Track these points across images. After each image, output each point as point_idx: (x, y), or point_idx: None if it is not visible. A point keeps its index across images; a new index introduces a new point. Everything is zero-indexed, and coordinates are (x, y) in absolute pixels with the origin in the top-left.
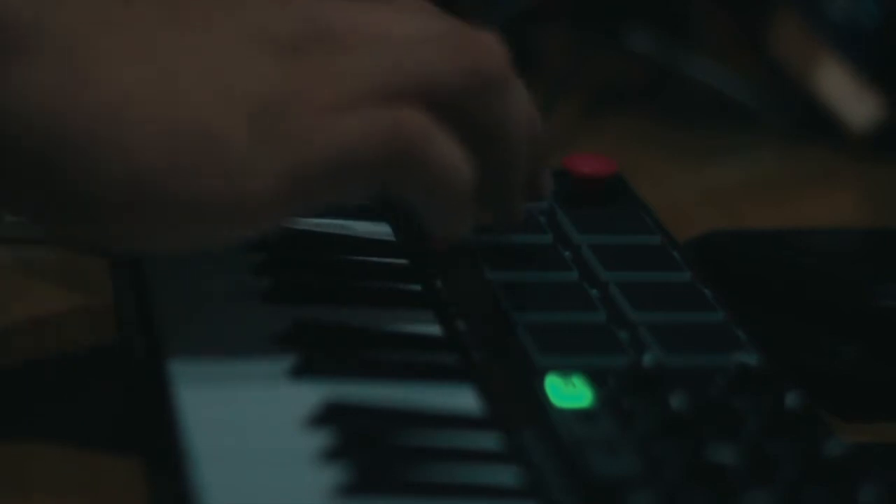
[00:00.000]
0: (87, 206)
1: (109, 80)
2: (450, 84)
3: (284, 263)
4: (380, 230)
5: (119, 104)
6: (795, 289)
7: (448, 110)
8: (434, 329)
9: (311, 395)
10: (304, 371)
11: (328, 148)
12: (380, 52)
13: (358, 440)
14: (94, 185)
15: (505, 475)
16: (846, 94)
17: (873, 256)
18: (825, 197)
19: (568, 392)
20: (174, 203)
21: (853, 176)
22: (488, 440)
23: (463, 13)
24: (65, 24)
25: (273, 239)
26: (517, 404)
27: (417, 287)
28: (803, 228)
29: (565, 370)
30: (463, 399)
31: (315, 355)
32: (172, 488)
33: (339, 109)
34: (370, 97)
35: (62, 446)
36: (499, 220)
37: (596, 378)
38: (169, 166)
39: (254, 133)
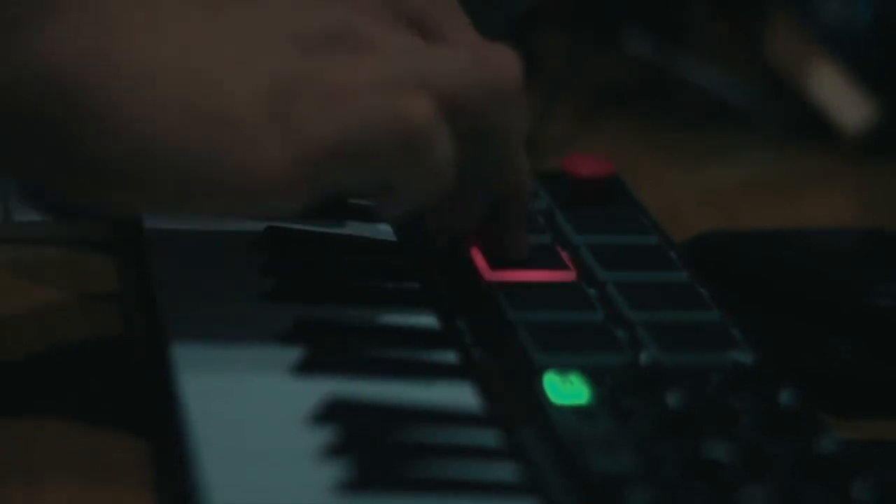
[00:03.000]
0: (96, 169)
1: (136, 52)
2: (462, 88)
3: (288, 263)
4: (381, 230)
5: (143, 76)
6: (792, 288)
7: (454, 111)
8: (434, 328)
9: (313, 392)
10: (307, 369)
11: (337, 131)
12: (398, 51)
13: (359, 437)
14: (107, 151)
15: (504, 472)
16: (840, 97)
17: (869, 257)
18: (820, 198)
19: (566, 390)
20: (182, 176)
21: (848, 177)
22: (488, 437)
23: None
24: None
25: (277, 239)
26: (516, 402)
27: (418, 286)
28: (799, 229)
29: (564, 368)
30: (463, 397)
31: (317, 353)
32: (178, 484)
33: (351, 95)
34: (384, 86)
35: (67, 442)
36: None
37: (594, 376)
38: (180, 141)
39: (266, 116)
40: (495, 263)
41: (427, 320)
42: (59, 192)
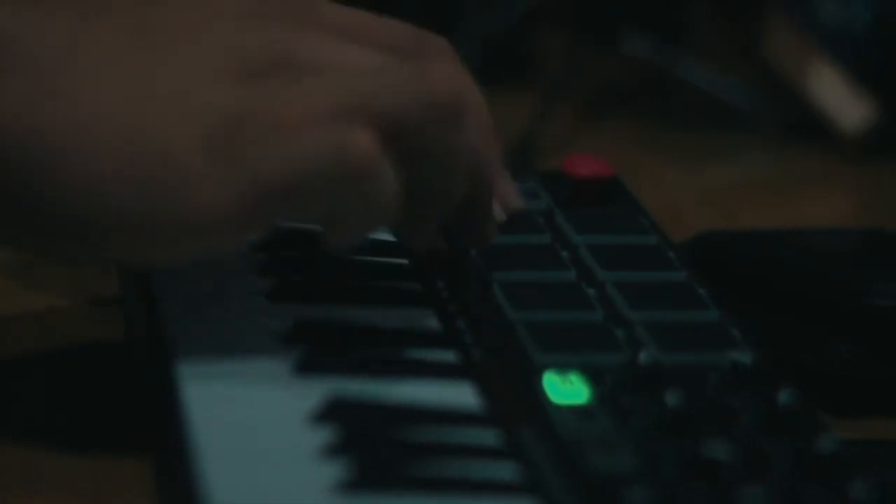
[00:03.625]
0: (48, 221)
1: (72, 100)
2: (401, 112)
3: (288, 263)
4: (381, 230)
5: (83, 123)
6: (791, 288)
7: (395, 134)
8: (434, 327)
9: (314, 392)
10: (307, 369)
11: (280, 167)
12: (336, 77)
13: (360, 437)
14: (53, 199)
15: (504, 471)
16: (839, 97)
17: (868, 256)
18: (819, 198)
19: (566, 389)
20: (131, 221)
21: (846, 177)
22: (488, 437)
23: (462, 17)
24: (36, 41)
25: (277, 240)
26: (516, 401)
27: (418, 286)
28: (799, 229)
29: (563, 368)
30: (463, 396)
31: (318, 353)
32: (179, 484)
33: (291, 129)
34: (323, 118)
35: (69, 444)
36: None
37: (593, 376)
38: (127, 185)
39: (209, 153)
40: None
41: (427, 320)
42: (8, 243)
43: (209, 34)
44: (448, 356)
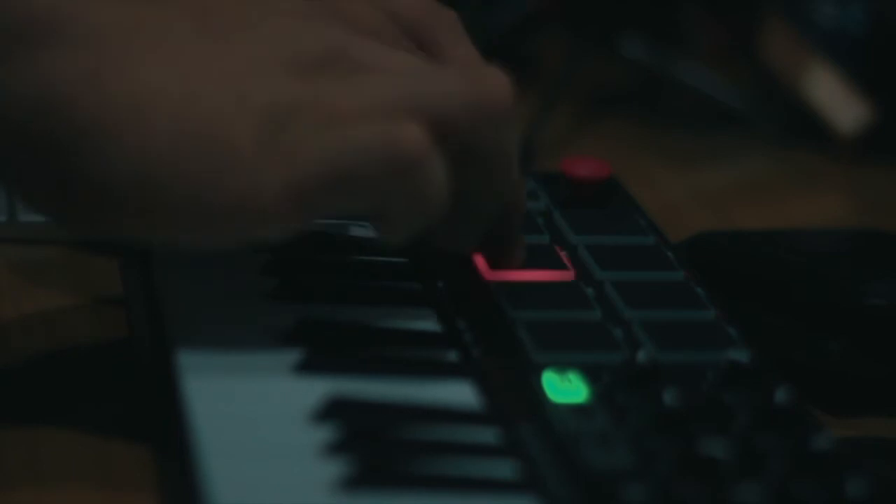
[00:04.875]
0: (96, 197)
1: (134, 77)
2: (454, 111)
3: (290, 263)
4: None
5: (139, 102)
6: (785, 287)
7: (447, 135)
8: (434, 327)
9: (316, 390)
10: (309, 367)
11: (330, 158)
12: (391, 76)
13: (361, 434)
14: (103, 176)
15: (503, 468)
16: (834, 99)
17: (861, 256)
18: (814, 198)
19: (564, 388)
20: (177, 203)
21: (841, 178)
22: (487, 434)
23: (461, 20)
24: (97, 21)
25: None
26: (515, 400)
27: (418, 286)
28: (793, 229)
29: (562, 366)
30: (462, 394)
31: (319, 352)
32: (182, 481)
33: (343, 121)
34: (375, 112)
35: (73, 442)
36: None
37: (591, 374)
38: (176, 167)
39: (260, 141)
40: (495, 265)
41: (427, 320)
42: (60, 220)
43: (266, 27)
44: (448, 355)
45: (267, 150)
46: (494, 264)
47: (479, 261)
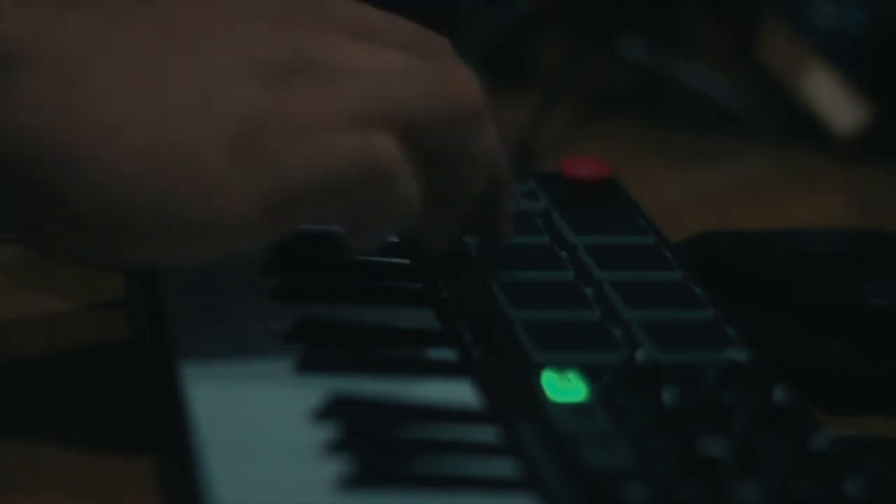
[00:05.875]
0: (72, 223)
1: (101, 100)
2: (422, 116)
3: (290, 263)
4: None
5: (109, 126)
6: (784, 287)
7: (415, 138)
8: (434, 326)
9: (316, 389)
10: (309, 367)
11: (302, 170)
12: (358, 81)
13: (361, 434)
14: (74, 201)
15: (502, 467)
16: (833, 100)
17: (860, 256)
18: (812, 198)
19: (563, 387)
20: (152, 223)
21: (839, 178)
22: (486, 433)
23: (462, 20)
24: (61, 45)
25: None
26: (514, 399)
27: (418, 286)
28: (792, 229)
29: (561, 366)
30: (462, 394)
31: (320, 351)
32: (183, 481)
33: (314, 133)
34: (344, 121)
35: (74, 443)
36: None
37: (591, 374)
38: (149, 188)
39: (233, 155)
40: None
41: (427, 319)
42: (39, 249)
43: (231, 37)
44: (448, 354)
45: (239, 165)
46: (482, 243)
47: None
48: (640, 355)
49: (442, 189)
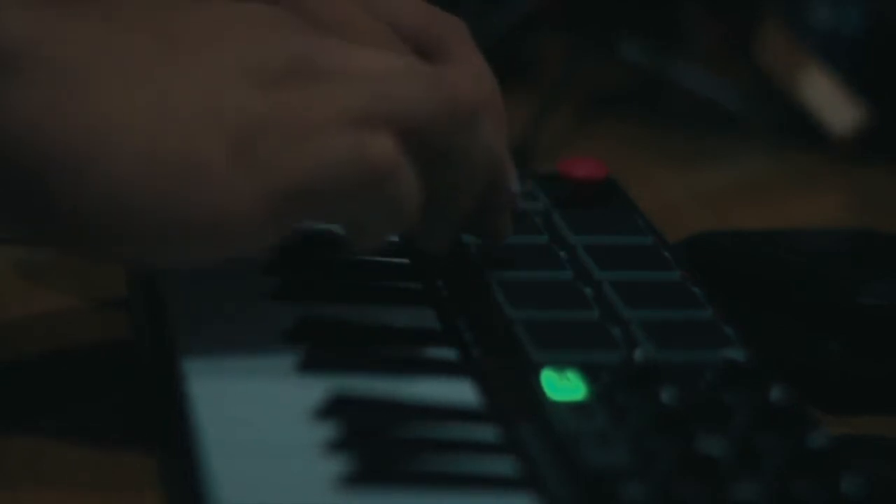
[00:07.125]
0: (71, 221)
1: (99, 104)
2: (420, 116)
3: (291, 263)
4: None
5: (107, 127)
6: (782, 287)
7: (414, 138)
8: (434, 326)
9: (317, 388)
10: (310, 366)
11: (301, 173)
12: (357, 82)
13: (362, 432)
14: (77, 204)
15: (502, 466)
16: (830, 101)
17: (857, 256)
18: (810, 199)
19: (563, 386)
20: (151, 225)
21: (837, 179)
22: (486, 432)
23: (461, 18)
24: (61, 47)
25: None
26: (514, 398)
27: (418, 285)
28: (791, 229)
29: (560, 365)
30: (462, 393)
31: (320, 351)
32: (185, 480)
33: (312, 134)
34: (343, 123)
35: (76, 442)
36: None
37: (590, 373)
38: (150, 189)
39: (232, 157)
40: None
41: (427, 318)
42: (40, 244)
43: (229, 39)
44: (448, 354)
45: (239, 167)
46: (483, 240)
47: None
48: (639, 355)
49: (442, 189)
